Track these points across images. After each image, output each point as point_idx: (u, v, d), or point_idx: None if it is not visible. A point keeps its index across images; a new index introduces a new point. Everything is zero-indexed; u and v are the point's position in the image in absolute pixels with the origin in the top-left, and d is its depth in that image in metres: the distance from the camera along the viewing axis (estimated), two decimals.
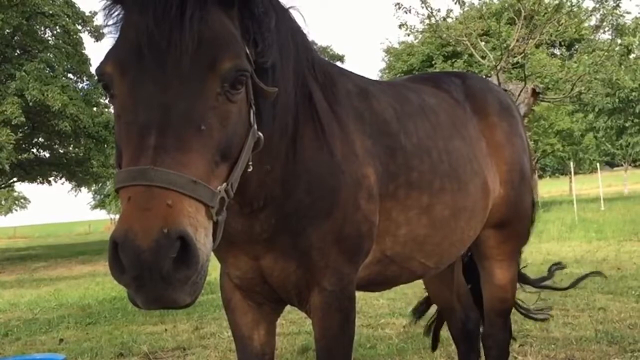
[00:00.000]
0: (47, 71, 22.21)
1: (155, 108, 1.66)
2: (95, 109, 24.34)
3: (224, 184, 1.75)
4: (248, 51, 1.92)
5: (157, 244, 1.50)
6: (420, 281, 4.06)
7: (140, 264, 1.50)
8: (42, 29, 23.94)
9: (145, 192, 1.57)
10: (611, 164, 57.10)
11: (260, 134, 1.96)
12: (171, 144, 1.63)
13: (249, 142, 1.90)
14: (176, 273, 1.55)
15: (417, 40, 33.65)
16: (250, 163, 1.96)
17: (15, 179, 28.93)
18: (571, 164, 33.45)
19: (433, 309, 4.43)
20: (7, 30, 21.89)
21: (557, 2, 19.45)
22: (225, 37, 1.79)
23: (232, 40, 1.82)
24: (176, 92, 1.68)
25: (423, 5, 20.02)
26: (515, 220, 3.52)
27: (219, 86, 1.74)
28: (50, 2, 22.60)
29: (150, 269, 1.51)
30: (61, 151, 26.81)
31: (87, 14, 24.76)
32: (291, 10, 2.41)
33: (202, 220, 1.64)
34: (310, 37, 2.58)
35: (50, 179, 28.62)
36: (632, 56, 21.77)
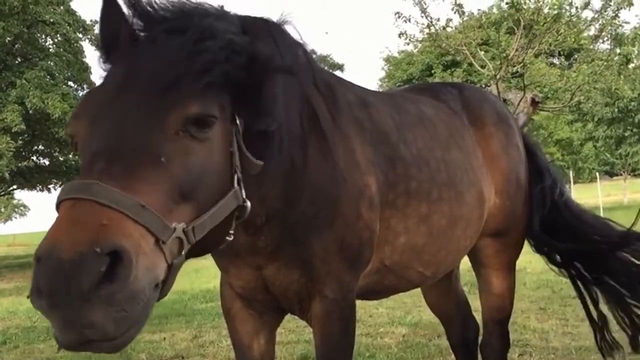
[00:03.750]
0: (47, 79, 22.21)
1: (109, 139, 1.60)
2: None
3: (183, 224, 1.61)
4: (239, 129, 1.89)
5: (81, 255, 1.34)
6: (420, 290, 4.07)
7: (57, 277, 1.33)
8: (43, 37, 23.98)
9: (83, 206, 1.45)
10: (610, 174, 57.08)
11: (248, 203, 1.88)
12: (119, 170, 1.53)
13: (227, 201, 1.81)
14: (98, 289, 1.36)
15: (416, 50, 33.75)
16: (232, 232, 1.89)
17: (15, 187, 28.91)
18: (570, 173, 33.53)
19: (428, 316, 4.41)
20: (8, 38, 21.93)
21: (556, 12, 19.52)
22: (190, 79, 1.72)
23: (196, 84, 1.74)
24: (132, 125, 1.62)
25: (423, 14, 20.10)
26: (512, 229, 3.54)
27: (180, 123, 1.68)
28: (51, 10, 22.65)
29: (68, 283, 1.32)
30: (61, 159, 26.78)
31: (88, 22, 24.80)
32: (287, 27, 2.42)
33: (146, 247, 1.48)
34: (310, 47, 2.59)
35: (50, 186, 28.56)
36: (631, 66, 21.79)
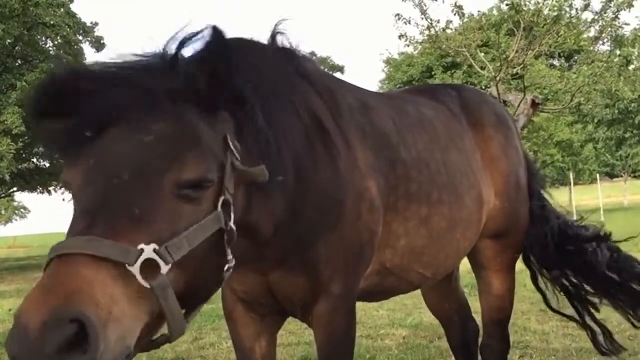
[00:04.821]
0: None
1: (99, 196, 1.60)
2: None
3: (154, 245, 1.58)
4: (234, 154, 1.88)
5: (44, 325, 1.37)
6: (420, 292, 4.07)
7: (23, 344, 1.38)
8: (44, 39, 24.00)
9: (58, 267, 1.50)
10: (611, 175, 57.06)
11: (234, 227, 1.85)
12: (103, 228, 1.54)
13: (205, 223, 1.75)
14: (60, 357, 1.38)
15: (416, 52, 33.74)
16: (230, 257, 1.86)
17: (15, 189, 28.91)
18: (571, 174, 33.49)
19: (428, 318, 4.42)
20: (9, 41, 21.95)
21: (556, 13, 19.51)
22: (188, 145, 1.72)
23: (195, 148, 1.73)
24: (124, 184, 1.61)
25: (423, 16, 20.11)
26: (513, 231, 3.55)
27: (173, 187, 1.67)
28: (52, 12, 22.66)
29: (33, 352, 1.37)
30: (62, 161, 26.79)
31: (89, 24, 24.86)
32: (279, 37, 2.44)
33: (118, 311, 1.49)
34: (305, 50, 2.59)
35: (51, 188, 28.55)
36: (631, 67, 21.80)
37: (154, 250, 1.57)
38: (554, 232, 3.72)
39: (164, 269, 1.59)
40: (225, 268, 1.87)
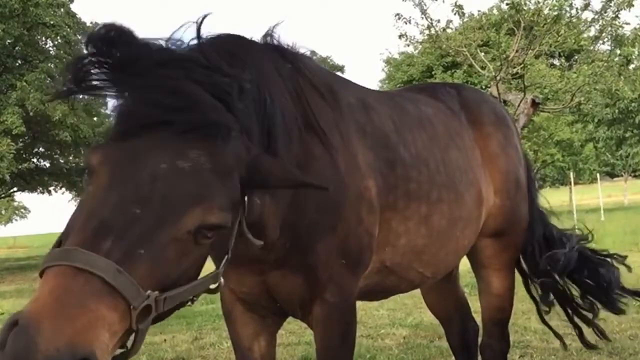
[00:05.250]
0: (48, 81, 22.25)
1: (117, 214, 1.57)
2: (95, 119, 24.44)
3: (157, 292, 1.59)
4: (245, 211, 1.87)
5: (58, 354, 1.37)
6: (420, 292, 4.07)
7: (26, 356, 1.35)
8: (43, 39, 24.01)
9: (72, 278, 1.48)
10: (611, 175, 57.03)
11: (222, 281, 1.89)
12: (118, 257, 1.53)
13: (206, 281, 1.81)
14: None
15: (416, 51, 33.68)
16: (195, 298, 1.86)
17: (15, 189, 28.93)
18: (571, 174, 33.46)
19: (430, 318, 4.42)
20: (9, 41, 21.96)
21: (556, 13, 19.50)
22: (199, 191, 1.66)
23: (207, 193, 1.67)
24: (146, 211, 1.59)
25: (423, 15, 20.05)
26: (512, 229, 3.55)
27: (185, 230, 1.64)
28: (52, 12, 22.65)
29: None
30: (61, 161, 26.81)
31: (89, 24, 24.83)
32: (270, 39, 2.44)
33: (117, 331, 1.52)
34: (303, 51, 2.59)
35: (51, 188, 28.61)
36: (631, 67, 21.80)
37: (155, 298, 1.59)
38: (540, 240, 3.79)
39: (152, 314, 1.61)
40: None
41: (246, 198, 1.86)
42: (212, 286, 1.88)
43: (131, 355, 1.63)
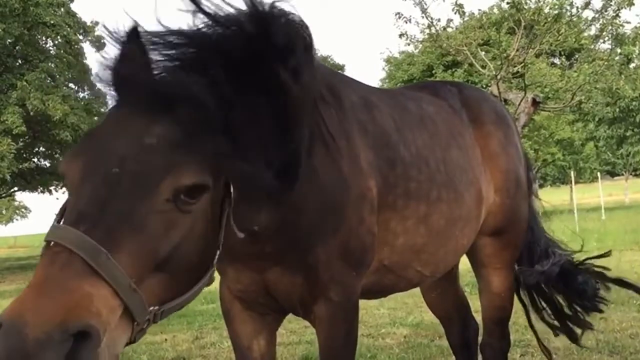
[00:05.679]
0: (48, 81, 22.30)
1: (95, 199, 1.59)
2: (96, 118, 24.39)
3: (156, 307, 1.64)
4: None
5: (47, 335, 1.36)
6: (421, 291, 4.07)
7: (19, 352, 1.35)
8: (44, 39, 24.05)
9: (65, 263, 1.47)
10: (612, 173, 56.99)
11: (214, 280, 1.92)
12: (101, 235, 1.53)
13: (201, 285, 1.82)
14: None
15: (417, 50, 33.67)
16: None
17: (16, 189, 28.94)
18: (572, 173, 33.46)
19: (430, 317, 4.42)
20: (9, 40, 22.00)
21: (556, 12, 19.48)
22: (168, 159, 1.67)
23: (177, 160, 1.67)
24: (121, 187, 1.61)
25: (423, 15, 20.04)
26: (512, 228, 3.54)
27: (170, 193, 1.64)
28: (52, 12, 22.69)
29: None
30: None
31: (89, 24, 24.91)
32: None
33: (113, 322, 1.51)
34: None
35: (51, 188, 28.59)
36: (632, 65, 21.79)
37: (151, 311, 1.63)
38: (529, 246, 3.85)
39: (148, 326, 1.67)
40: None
41: (232, 189, 1.87)
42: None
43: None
